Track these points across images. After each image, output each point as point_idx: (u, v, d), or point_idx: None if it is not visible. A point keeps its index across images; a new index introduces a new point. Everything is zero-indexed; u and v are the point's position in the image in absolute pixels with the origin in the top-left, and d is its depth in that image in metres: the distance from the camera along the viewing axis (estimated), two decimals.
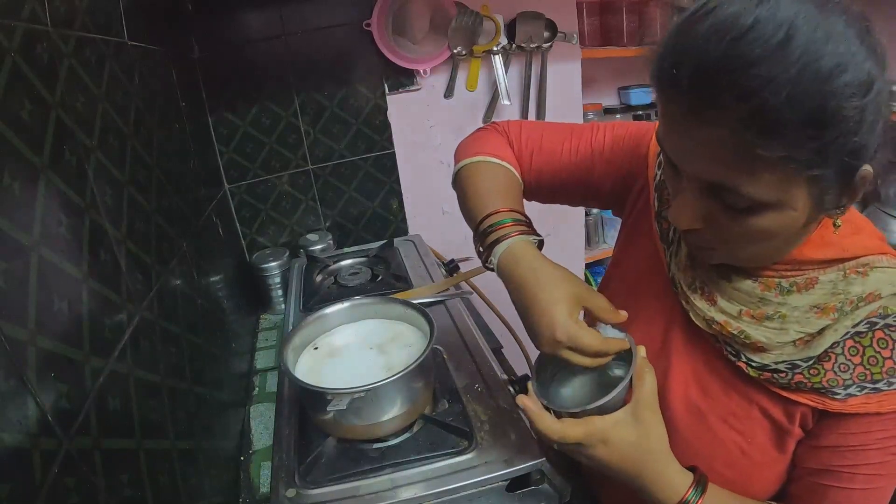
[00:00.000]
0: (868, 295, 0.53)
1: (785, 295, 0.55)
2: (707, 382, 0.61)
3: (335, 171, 1.51)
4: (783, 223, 0.48)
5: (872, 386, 0.52)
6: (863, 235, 0.56)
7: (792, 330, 0.54)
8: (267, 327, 1.31)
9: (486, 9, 1.46)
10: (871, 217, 1.43)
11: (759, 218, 0.47)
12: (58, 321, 0.45)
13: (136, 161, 0.71)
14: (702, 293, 0.59)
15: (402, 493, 0.68)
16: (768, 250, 0.53)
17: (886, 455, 0.54)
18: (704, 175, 0.47)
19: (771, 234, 0.49)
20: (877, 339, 0.52)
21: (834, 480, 0.55)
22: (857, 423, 0.53)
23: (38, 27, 0.51)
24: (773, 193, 0.45)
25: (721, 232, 0.51)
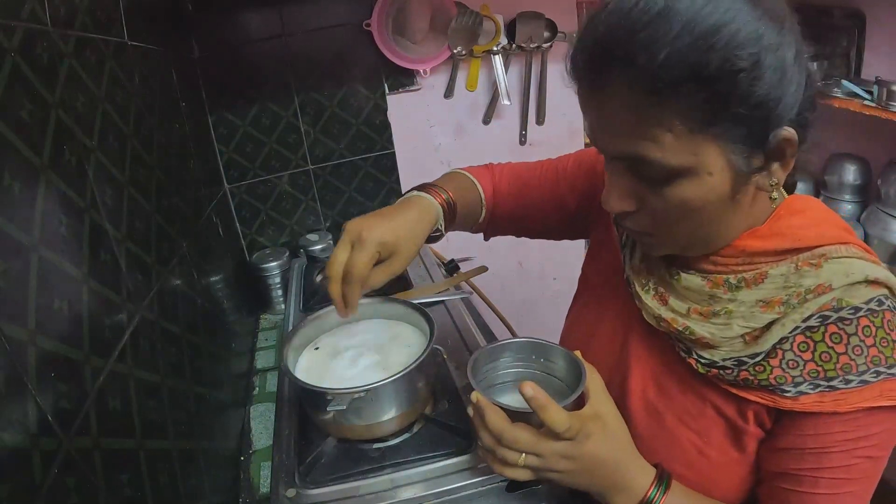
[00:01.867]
0: (818, 287, 0.50)
1: (734, 291, 0.54)
2: (664, 382, 0.61)
3: (335, 171, 1.51)
4: (704, 191, 0.47)
5: (827, 384, 0.50)
6: (823, 226, 0.53)
7: (735, 325, 0.53)
8: (267, 327, 1.31)
9: (486, 9, 1.46)
10: (871, 217, 1.43)
11: (678, 188, 0.48)
12: (58, 321, 0.45)
13: (136, 161, 0.71)
14: (654, 294, 0.59)
15: (402, 493, 0.68)
16: (703, 228, 0.51)
17: (851, 458, 0.51)
18: (616, 149, 0.48)
19: (695, 205, 0.48)
20: (829, 333, 0.50)
21: (795, 484, 0.53)
22: (814, 424, 0.51)
23: (38, 27, 0.51)
24: (681, 157, 0.46)
25: (652, 213, 0.51)
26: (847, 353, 0.50)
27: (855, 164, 1.49)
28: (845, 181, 1.50)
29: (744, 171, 0.48)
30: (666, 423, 0.60)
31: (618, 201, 0.51)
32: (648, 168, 0.47)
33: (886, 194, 1.39)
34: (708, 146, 0.46)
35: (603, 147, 0.50)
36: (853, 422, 0.50)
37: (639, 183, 0.50)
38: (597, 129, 0.50)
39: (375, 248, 0.61)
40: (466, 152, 1.61)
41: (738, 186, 0.49)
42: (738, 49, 0.42)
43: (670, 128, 0.44)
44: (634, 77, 0.43)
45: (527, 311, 1.80)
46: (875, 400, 0.49)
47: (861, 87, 1.32)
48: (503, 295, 1.50)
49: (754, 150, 0.47)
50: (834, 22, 1.51)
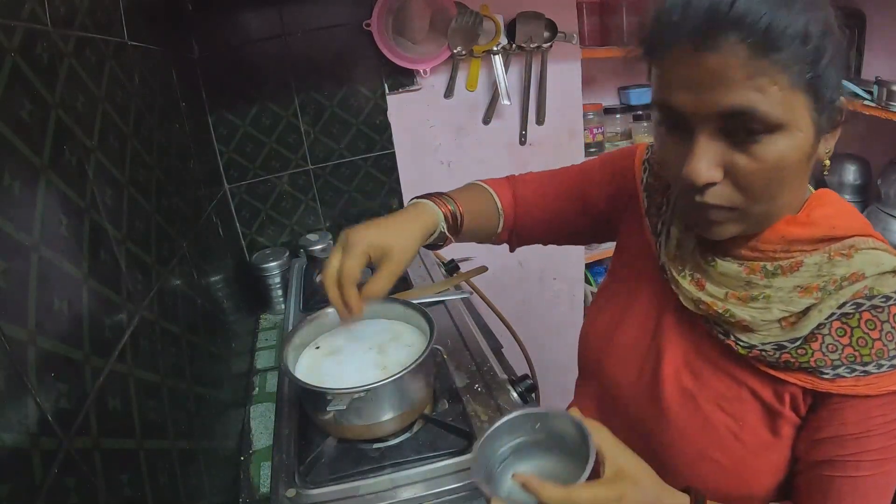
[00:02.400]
0: (852, 275, 0.53)
1: (770, 278, 0.56)
2: (698, 366, 0.62)
3: (335, 171, 1.51)
4: (794, 148, 0.50)
5: (862, 368, 0.52)
6: (850, 218, 0.57)
7: (775, 309, 0.55)
8: (267, 327, 1.31)
9: (486, 9, 1.46)
10: (871, 217, 1.43)
11: (773, 144, 0.49)
12: (58, 321, 0.45)
13: (136, 161, 0.71)
14: (691, 279, 0.61)
15: (402, 493, 0.68)
16: (783, 193, 0.53)
17: (890, 439, 0.53)
18: (721, 102, 0.48)
19: (786, 162, 0.50)
20: (864, 320, 0.53)
21: (839, 471, 0.55)
22: (854, 411, 0.53)
23: (38, 27, 0.51)
24: (782, 111, 0.48)
25: (738, 177, 0.51)
26: (881, 338, 0.52)
27: (855, 164, 1.49)
28: (845, 181, 1.50)
29: (822, 130, 0.51)
30: (700, 408, 0.61)
31: (707, 170, 0.50)
32: (749, 122, 0.48)
33: (886, 194, 1.39)
34: (801, 103, 0.48)
35: (703, 104, 0.49)
36: (889, 404, 0.52)
37: (729, 148, 0.50)
38: (697, 88, 0.49)
39: (364, 250, 0.63)
40: (466, 152, 1.61)
41: (814, 148, 0.52)
42: (828, 13, 0.48)
43: (776, 81, 0.47)
44: (748, 35, 0.46)
45: (527, 311, 1.80)
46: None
47: (861, 87, 1.32)
48: (503, 295, 1.50)
49: (827, 111, 0.50)
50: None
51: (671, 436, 0.63)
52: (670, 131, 0.54)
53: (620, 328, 0.71)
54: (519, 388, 0.86)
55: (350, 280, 0.63)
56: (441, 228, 0.70)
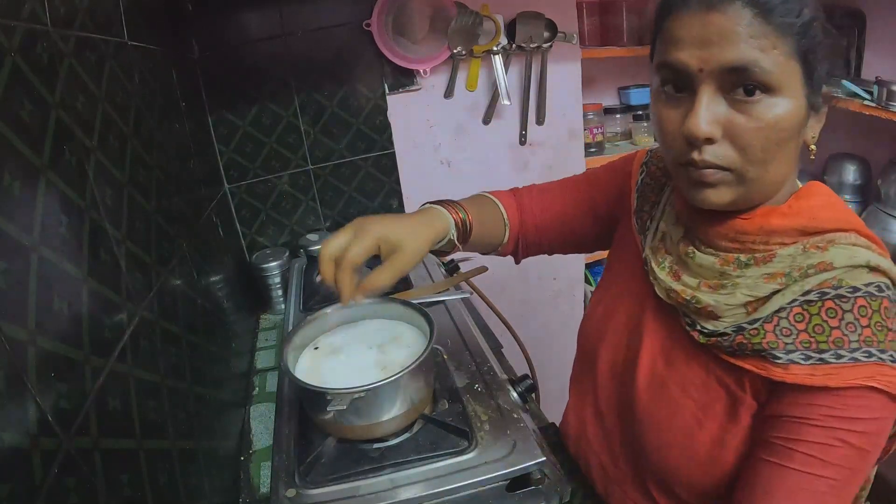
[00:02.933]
0: (819, 264, 0.53)
1: (743, 269, 0.57)
2: (672, 354, 0.64)
3: (335, 171, 1.51)
4: (789, 112, 0.52)
5: (818, 356, 0.51)
6: (837, 210, 0.57)
7: (739, 293, 0.56)
8: (267, 327, 1.31)
9: (486, 9, 1.46)
10: (871, 217, 1.43)
11: (770, 105, 0.52)
12: (58, 321, 0.45)
13: (136, 161, 0.71)
14: (669, 271, 0.63)
15: (402, 493, 0.68)
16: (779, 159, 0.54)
17: (831, 438, 0.51)
18: (726, 57, 0.51)
19: (782, 125, 0.52)
20: (826, 308, 0.52)
21: (770, 454, 0.53)
22: (800, 393, 0.52)
23: (38, 27, 0.51)
24: (780, 74, 0.51)
25: (736, 135, 0.53)
26: (840, 327, 0.51)
27: (855, 164, 1.49)
28: (845, 181, 1.50)
29: (809, 105, 0.54)
30: (670, 393, 0.63)
31: (707, 125, 0.53)
32: (750, 79, 0.51)
33: (886, 194, 1.39)
34: (796, 72, 0.52)
35: (708, 59, 0.52)
36: (840, 399, 0.50)
37: (729, 107, 0.53)
38: (703, 44, 0.52)
39: (375, 241, 0.63)
40: (466, 152, 1.61)
41: (804, 122, 0.54)
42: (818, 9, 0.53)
43: (776, 45, 0.51)
44: (755, 5, 0.50)
45: (527, 311, 1.80)
46: (866, 380, 0.49)
47: (861, 87, 1.32)
48: (503, 295, 1.50)
49: (816, 93, 0.54)
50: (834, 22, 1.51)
51: (644, 423, 0.65)
52: (671, 95, 0.56)
53: (613, 317, 0.74)
54: (519, 388, 0.86)
55: (350, 263, 0.62)
56: (451, 235, 0.71)
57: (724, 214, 0.59)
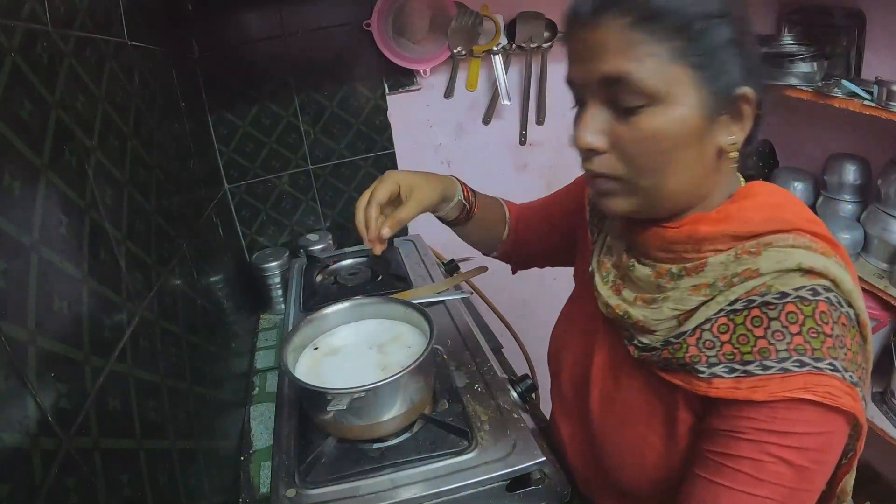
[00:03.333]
0: (745, 271, 0.51)
1: (676, 280, 0.55)
2: (618, 370, 0.64)
3: (335, 171, 1.51)
4: (674, 121, 0.50)
5: (743, 368, 0.49)
6: (775, 211, 0.54)
7: (666, 308, 0.55)
8: (267, 327, 1.31)
9: (486, 9, 1.46)
10: (871, 217, 1.42)
11: (652, 115, 0.50)
12: (58, 321, 0.45)
13: (136, 161, 0.71)
14: (612, 285, 0.62)
15: (402, 493, 0.68)
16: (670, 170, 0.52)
17: (762, 454, 0.47)
18: (602, 70, 0.51)
19: (667, 135, 0.51)
20: (751, 317, 0.50)
21: (702, 469, 0.51)
22: (731, 406, 0.50)
23: (38, 27, 0.51)
24: (659, 82, 0.50)
25: (621, 147, 0.53)
26: (766, 336, 0.48)
27: (855, 164, 1.49)
28: (845, 181, 1.50)
29: (708, 111, 0.51)
30: (617, 410, 0.62)
31: (590, 136, 0.53)
32: (627, 91, 0.50)
33: (886, 194, 1.38)
34: (683, 78, 0.50)
35: (588, 73, 0.53)
36: (769, 411, 0.47)
37: (613, 118, 0.53)
38: (584, 59, 0.53)
39: (394, 182, 0.73)
40: (466, 152, 1.61)
41: (704, 129, 0.51)
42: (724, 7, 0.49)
43: (653, 53, 0.49)
44: (629, 11, 0.49)
45: (527, 311, 1.80)
46: (798, 392, 0.46)
47: (861, 87, 1.32)
48: (503, 295, 1.50)
49: (719, 94, 0.51)
50: (834, 22, 1.51)
51: (598, 440, 0.65)
52: (578, 109, 0.57)
53: (571, 332, 0.74)
54: (519, 388, 0.86)
55: (375, 200, 0.72)
56: (459, 198, 0.80)
57: (650, 223, 0.57)
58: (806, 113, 1.64)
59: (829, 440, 0.48)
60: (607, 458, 0.64)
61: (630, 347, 0.59)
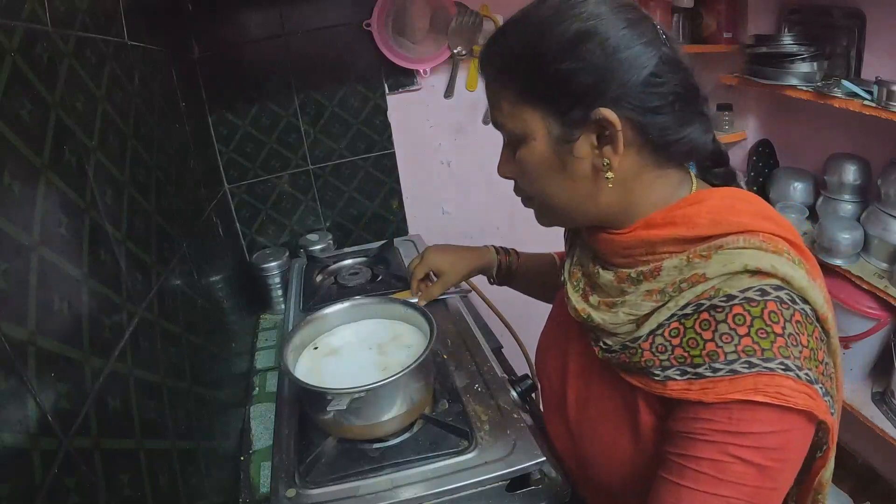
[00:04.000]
0: (692, 276, 0.52)
1: (636, 284, 0.57)
2: (588, 373, 0.66)
3: (335, 171, 1.51)
4: (531, 155, 0.58)
5: (693, 370, 0.49)
6: (723, 214, 0.54)
7: (621, 312, 0.57)
8: (267, 327, 1.31)
9: (486, 9, 1.46)
10: (871, 217, 1.42)
11: (521, 152, 0.58)
12: (58, 321, 0.45)
13: (136, 161, 0.71)
14: (581, 292, 0.65)
15: (402, 493, 0.68)
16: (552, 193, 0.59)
17: (722, 454, 0.47)
18: (490, 118, 0.62)
19: (528, 168, 0.59)
20: (700, 320, 0.51)
21: (666, 471, 0.52)
22: (682, 408, 0.50)
23: (38, 27, 0.51)
24: (515, 123, 0.57)
25: (519, 177, 0.63)
26: (714, 339, 0.49)
27: (855, 164, 1.49)
28: (845, 181, 1.50)
29: (561, 138, 0.55)
30: (591, 413, 0.64)
31: (501, 167, 0.64)
32: (504, 133, 0.61)
33: (886, 194, 1.38)
34: (531, 114, 0.56)
35: None
36: (724, 412, 0.47)
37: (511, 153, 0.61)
38: None
39: (429, 266, 1.00)
40: (466, 152, 1.61)
41: (563, 156, 0.56)
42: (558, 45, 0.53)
43: (502, 96, 0.58)
44: (486, 73, 0.60)
45: (527, 311, 1.80)
46: (748, 393, 0.46)
47: (861, 87, 1.32)
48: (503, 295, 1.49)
49: (567, 120, 0.54)
50: (834, 22, 1.51)
51: (577, 442, 0.67)
52: None
53: (551, 338, 0.78)
54: (519, 388, 0.86)
55: (414, 276, 1.02)
56: (491, 271, 1.00)
57: (598, 230, 0.61)
58: (806, 113, 1.65)
59: (788, 438, 0.48)
60: (587, 457, 0.66)
61: (595, 348, 0.61)
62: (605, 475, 0.64)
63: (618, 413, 0.60)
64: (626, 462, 0.60)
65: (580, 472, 0.70)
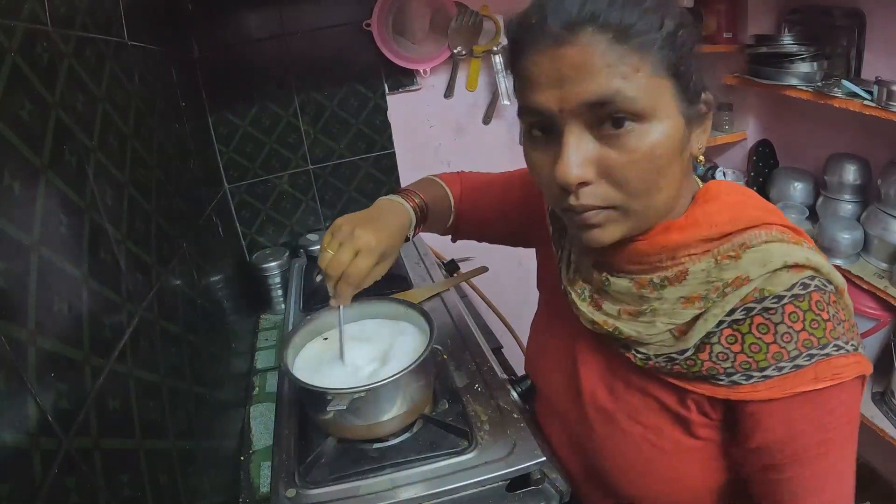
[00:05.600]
0: (735, 279, 0.51)
1: (659, 290, 0.55)
2: (612, 383, 0.63)
3: (335, 171, 1.51)
4: (664, 136, 0.49)
5: (760, 374, 0.50)
6: (737, 210, 0.54)
7: (659, 322, 0.54)
8: (267, 327, 1.31)
9: (486, 9, 1.46)
10: (871, 217, 1.42)
11: (644, 134, 0.48)
12: (58, 321, 0.45)
13: (136, 161, 0.71)
14: (590, 301, 0.61)
15: (402, 493, 0.68)
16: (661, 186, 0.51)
17: (826, 432, 0.51)
18: (586, 92, 0.47)
19: (658, 151, 0.49)
20: (756, 324, 0.51)
21: (782, 473, 0.53)
22: (772, 418, 0.51)
23: (38, 27, 0.51)
24: (647, 98, 0.48)
25: (612, 172, 0.50)
26: (776, 341, 0.50)
27: (855, 164, 1.49)
28: (845, 181, 1.50)
29: (692, 121, 0.52)
30: (619, 424, 0.62)
31: (579, 168, 0.49)
32: (616, 110, 0.48)
33: (886, 194, 1.38)
34: (666, 90, 0.49)
35: (565, 98, 0.49)
36: (808, 404, 0.50)
37: (599, 144, 0.49)
38: (562, 82, 0.48)
39: (379, 258, 0.67)
40: (466, 152, 1.61)
41: (686, 140, 0.52)
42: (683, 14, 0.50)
43: (638, 67, 0.47)
44: (604, 26, 0.47)
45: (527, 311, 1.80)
46: (810, 384, 0.49)
47: (861, 87, 1.32)
48: (503, 295, 1.50)
49: (692, 103, 0.52)
50: (834, 22, 1.51)
51: (600, 452, 0.64)
52: (539, 138, 0.53)
53: (546, 350, 0.74)
54: (519, 388, 0.86)
55: (358, 279, 0.66)
56: (410, 230, 0.74)
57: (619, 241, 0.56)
58: (806, 113, 1.64)
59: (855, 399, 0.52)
60: (609, 470, 0.64)
61: (628, 355, 0.58)
62: (636, 483, 0.62)
63: (656, 419, 0.59)
64: (664, 466, 0.59)
65: (588, 476, 0.69)
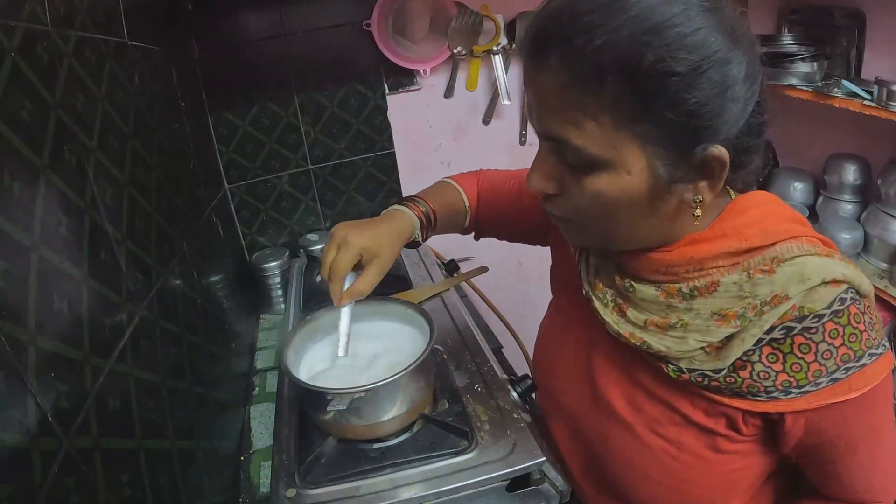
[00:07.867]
0: (773, 298, 0.49)
1: (689, 300, 0.53)
2: (632, 394, 0.61)
3: (335, 171, 1.51)
4: (619, 189, 0.47)
5: (800, 391, 0.51)
6: (769, 222, 0.52)
7: (692, 339, 0.53)
8: (267, 327, 1.31)
9: (486, 9, 1.46)
10: (871, 217, 1.42)
11: (595, 179, 0.48)
12: (58, 321, 0.45)
13: (136, 161, 0.71)
14: (613, 306, 0.59)
15: (403, 493, 0.68)
16: (617, 227, 0.51)
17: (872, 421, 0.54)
18: (543, 128, 0.49)
19: (608, 200, 0.48)
20: (797, 344, 0.50)
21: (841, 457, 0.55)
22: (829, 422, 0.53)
23: (38, 27, 0.51)
24: (602, 149, 0.45)
25: (569, 197, 0.51)
26: (816, 360, 0.50)
27: (855, 164, 1.48)
28: (845, 181, 1.50)
29: (663, 178, 0.47)
30: (637, 435, 0.61)
31: (539, 181, 0.52)
32: (570, 153, 0.48)
33: (886, 194, 1.38)
34: (630, 144, 0.45)
35: (534, 124, 0.51)
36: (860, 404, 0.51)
37: (562, 167, 0.50)
38: (533, 105, 0.50)
39: (358, 251, 0.70)
40: (466, 152, 1.61)
41: (657, 193, 0.48)
42: (679, 52, 0.42)
43: (595, 117, 0.45)
44: (569, 58, 0.44)
45: (527, 311, 1.80)
46: (843, 395, 0.51)
47: (861, 87, 1.32)
48: (503, 295, 1.50)
49: (679, 160, 0.46)
50: (834, 22, 1.51)
51: (614, 460, 0.64)
52: None
53: (560, 354, 0.72)
54: (519, 388, 0.86)
55: (339, 274, 0.71)
56: (416, 235, 0.77)
57: (637, 250, 0.55)
58: (806, 113, 1.64)
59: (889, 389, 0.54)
60: (623, 478, 0.64)
61: (660, 364, 0.56)
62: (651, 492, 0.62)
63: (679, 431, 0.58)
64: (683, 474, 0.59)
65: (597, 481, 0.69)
